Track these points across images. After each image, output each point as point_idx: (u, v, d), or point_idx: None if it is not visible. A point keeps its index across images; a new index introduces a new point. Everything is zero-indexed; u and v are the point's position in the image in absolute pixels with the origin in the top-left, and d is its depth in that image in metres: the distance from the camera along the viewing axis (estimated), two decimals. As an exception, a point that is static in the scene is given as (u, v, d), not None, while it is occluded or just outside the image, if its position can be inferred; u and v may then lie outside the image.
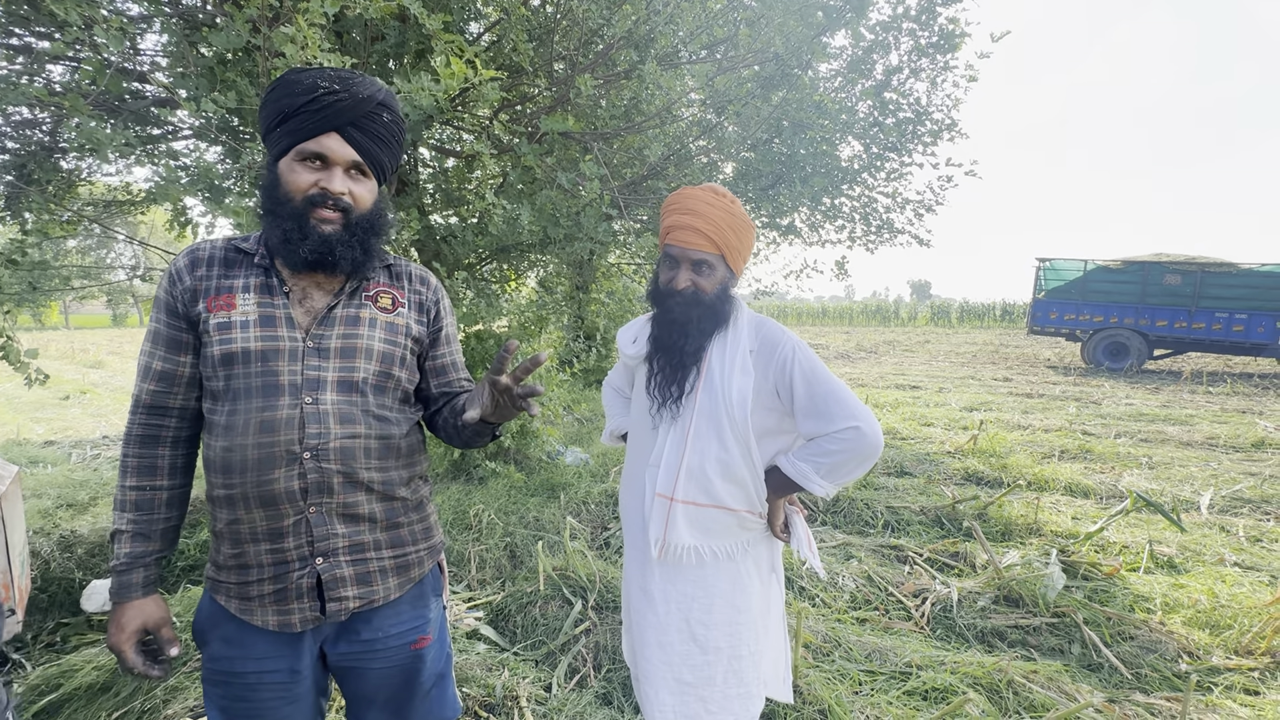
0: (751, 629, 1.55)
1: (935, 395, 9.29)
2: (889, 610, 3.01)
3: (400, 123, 1.19)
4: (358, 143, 1.11)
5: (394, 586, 1.20)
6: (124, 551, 1.12)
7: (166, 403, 1.14)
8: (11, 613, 2.46)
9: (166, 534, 1.16)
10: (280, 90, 1.09)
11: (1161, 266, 12.35)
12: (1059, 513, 4.14)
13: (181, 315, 1.11)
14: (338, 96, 1.08)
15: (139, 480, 1.14)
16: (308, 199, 1.08)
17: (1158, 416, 7.61)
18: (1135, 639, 2.69)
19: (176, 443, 1.17)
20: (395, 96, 1.22)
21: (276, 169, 1.10)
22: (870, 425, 1.38)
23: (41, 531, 3.43)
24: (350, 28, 2.63)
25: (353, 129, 1.10)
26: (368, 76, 1.16)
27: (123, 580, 1.11)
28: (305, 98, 1.07)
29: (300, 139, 1.08)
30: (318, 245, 1.08)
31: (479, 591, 3.12)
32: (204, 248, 1.16)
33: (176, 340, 1.12)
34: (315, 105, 1.07)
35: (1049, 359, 15.17)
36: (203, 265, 1.13)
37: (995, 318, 34.15)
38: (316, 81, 1.08)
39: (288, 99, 1.07)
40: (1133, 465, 5.43)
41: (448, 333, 1.33)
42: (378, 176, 1.18)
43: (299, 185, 1.08)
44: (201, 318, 1.10)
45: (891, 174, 5.49)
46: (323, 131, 1.08)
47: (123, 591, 1.11)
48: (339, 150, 1.09)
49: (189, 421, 1.17)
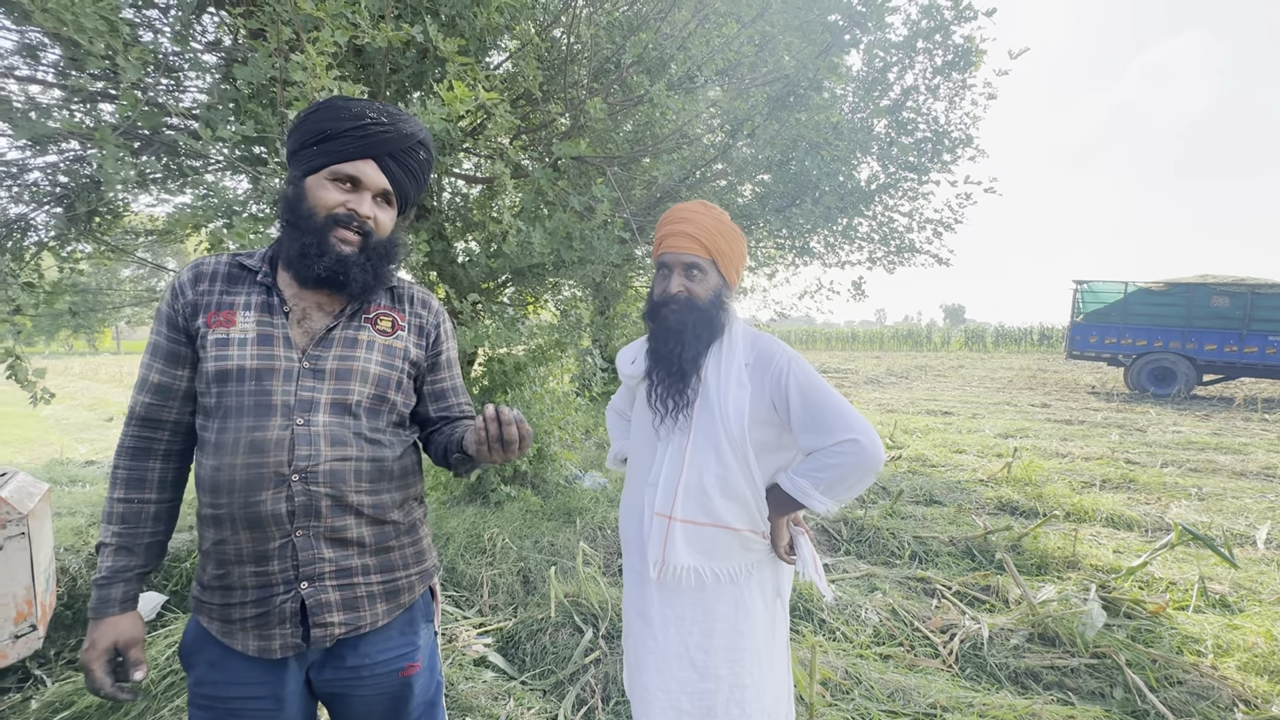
0: (755, 656, 1.49)
1: (968, 421, 9.00)
2: (914, 646, 2.86)
3: (432, 161, 1.23)
4: (391, 173, 1.15)
5: (382, 613, 1.17)
6: (106, 565, 1.10)
7: (160, 415, 1.14)
8: (34, 628, 2.51)
9: (151, 549, 1.15)
10: (325, 112, 1.12)
11: (1208, 288, 11.87)
12: (1099, 545, 3.92)
13: (181, 329, 1.12)
14: (383, 128, 1.12)
15: (127, 493, 1.13)
16: (332, 217, 1.10)
17: (1208, 445, 7.22)
18: (1184, 684, 2.50)
19: (168, 456, 1.16)
20: (431, 138, 1.27)
21: (304, 184, 1.12)
22: (869, 437, 1.34)
23: (72, 549, 3.52)
24: (373, 60, 2.73)
25: (390, 159, 1.14)
26: (412, 116, 1.21)
27: (102, 595, 1.09)
28: (351, 123, 1.10)
29: (337, 160, 1.10)
30: (333, 264, 1.09)
31: (490, 617, 3.08)
32: (208, 262, 1.17)
33: (175, 354, 1.13)
34: (360, 132, 1.10)
35: (1090, 385, 14.62)
36: (205, 280, 1.14)
37: (1033, 342, 33.13)
38: (365, 111, 1.12)
39: (331, 121, 1.10)
40: (1181, 496, 5.14)
41: (448, 357, 1.32)
42: (400, 206, 1.21)
43: (326, 202, 1.10)
44: (200, 332, 1.10)
45: (907, 193, 5.42)
46: (361, 157, 1.11)
47: (100, 607, 1.09)
48: (373, 177, 1.13)
49: (182, 435, 1.16)
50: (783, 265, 7.03)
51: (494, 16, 2.55)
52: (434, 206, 3.44)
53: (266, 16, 1.84)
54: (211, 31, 3.31)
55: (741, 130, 3.00)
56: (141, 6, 2.93)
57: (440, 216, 3.55)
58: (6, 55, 2.85)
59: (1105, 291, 13.00)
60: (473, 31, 2.48)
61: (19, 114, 2.54)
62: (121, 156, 1.93)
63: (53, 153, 3.40)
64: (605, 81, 3.29)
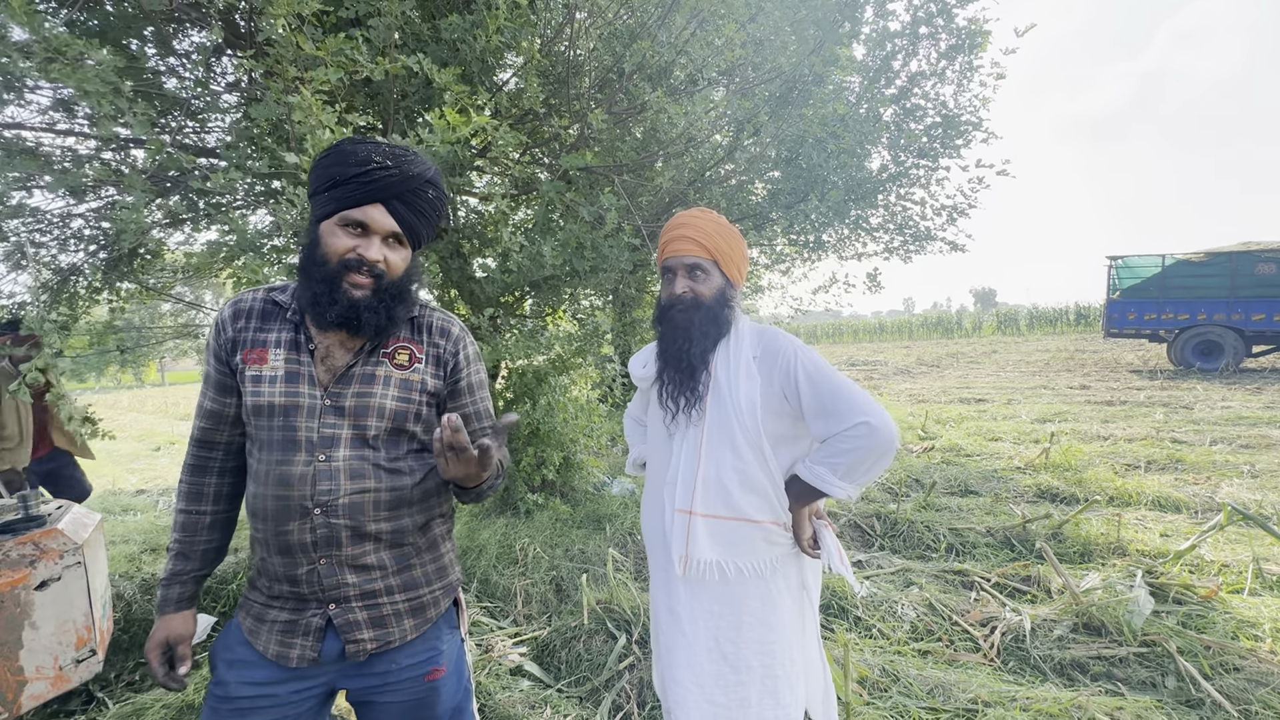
0: (786, 648, 1.50)
1: (1003, 408, 8.78)
2: (954, 641, 2.80)
3: (444, 198, 1.25)
4: (400, 215, 1.15)
5: (410, 628, 1.22)
6: (167, 568, 1.23)
7: (214, 438, 1.24)
8: (93, 653, 2.64)
9: (207, 555, 1.25)
10: (334, 158, 1.14)
11: (1252, 256, 11.36)
12: (1145, 530, 3.78)
13: (225, 362, 1.20)
14: (388, 172, 1.13)
15: (186, 504, 1.24)
16: (343, 262, 1.12)
17: (1260, 419, 6.90)
18: (1241, 670, 2.40)
19: (223, 472, 1.26)
20: (441, 175, 1.28)
21: (318, 230, 1.15)
22: (881, 419, 1.36)
23: (126, 575, 3.67)
24: (380, 90, 2.82)
25: (397, 202, 1.15)
26: (420, 155, 1.22)
27: (164, 594, 1.22)
28: (357, 169, 1.11)
29: (346, 206, 1.12)
30: (345, 310, 1.12)
31: (525, 627, 3.12)
32: (246, 299, 1.23)
33: (222, 384, 1.21)
34: (366, 178, 1.11)
35: (1131, 363, 14.10)
36: (243, 317, 1.20)
37: (1069, 323, 32.03)
38: (371, 155, 1.12)
39: (339, 167, 1.12)
40: (1232, 474, 4.92)
41: (469, 383, 1.32)
42: (413, 244, 1.22)
43: (337, 249, 1.12)
44: (239, 369, 1.18)
45: (915, 181, 5.35)
46: (368, 202, 1.12)
47: (162, 605, 1.22)
48: (381, 220, 1.14)
49: (235, 454, 1.26)
50: (799, 261, 6.97)
51: (495, 38, 2.61)
52: (449, 226, 3.52)
53: (273, 59, 1.93)
54: (231, 72, 3.46)
55: (745, 130, 3.01)
56: (163, 55, 3.07)
57: (457, 235, 3.63)
58: (44, 110, 3.03)
59: (1142, 266, 12.56)
60: (474, 54, 2.55)
61: (57, 167, 2.69)
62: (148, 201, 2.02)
63: (92, 199, 3.59)
64: (609, 91, 3.32)
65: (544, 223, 3.03)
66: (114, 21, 2.67)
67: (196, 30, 3.25)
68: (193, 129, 3.51)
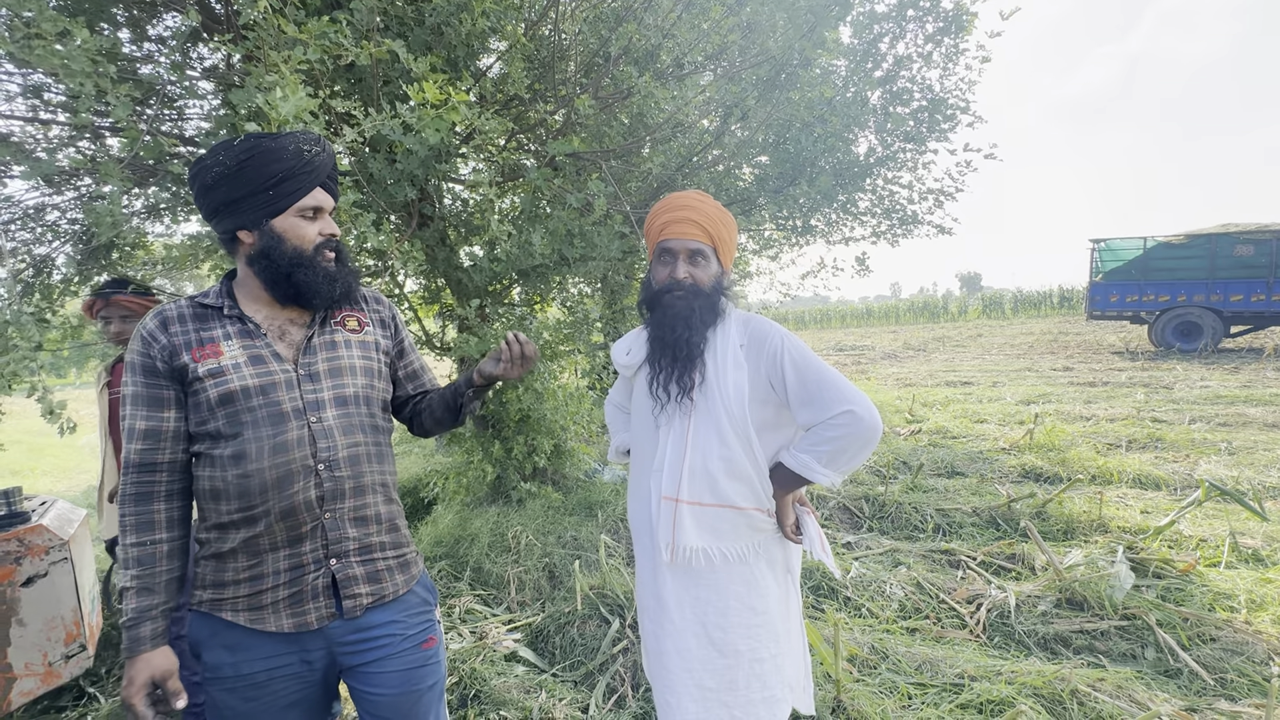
0: (771, 631, 1.52)
1: (988, 390, 8.89)
2: (941, 619, 2.86)
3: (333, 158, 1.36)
4: (331, 190, 1.28)
5: (400, 583, 1.29)
6: (131, 607, 1.14)
7: (155, 459, 1.17)
8: (83, 649, 2.62)
9: (170, 585, 1.18)
10: (266, 157, 1.17)
11: (1231, 237, 11.54)
12: (1126, 507, 3.87)
13: (162, 373, 1.16)
14: (317, 154, 1.23)
15: (139, 536, 1.16)
16: (317, 246, 1.23)
17: (1238, 398, 7.05)
18: (1217, 640, 2.47)
19: (170, 496, 1.19)
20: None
21: (271, 227, 1.19)
22: (865, 408, 1.37)
23: (117, 570, 3.65)
24: (364, 74, 2.77)
25: (329, 180, 1.27)
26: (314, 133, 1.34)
27: (131, 635, 1.13)
28: (296, 160, 1.19)
29: (299, 198, 1.21)
30: (324, 281, 1.24)
31: (519, 613, 3.14)
32: (170, 308, 1.22)
33: (156, 398, 1.17)
34: (308, 167, 1.21)
35: (1113, 344, 14.33)
36: (174, 323, 1.19)
37: (1053, 305, 32.40)
38: (300, 145, 1.21)
39: (278, 164, 1.18)
40: (1210, 452, 5.04)
41: (409, 342, 1.49)
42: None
43: (308, 236, 1.22)
44: (189, 368, 1.15)
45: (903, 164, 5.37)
46: (313, 187, 1.23)
47: (133, 646, 1.13)
48: (326, 200, 1.26)
49: (180, 474, 1.20)
50: (787, 246, 6.98)
51: (480, 21, 2.56)
52: (435, 214, 3.48)
53: (253, 43, 1.88)
54: (208, 58, 3.37)
55: (733, 114, 2.99)
56: (139, 40, 2.99)
57: (443, 224, 3.59)
58: (13, 97, 2.94)
59: (1124, 248, 12.71)
60: (459, 39, 2.51)
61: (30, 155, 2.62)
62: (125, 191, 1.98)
63: (68, 190, 3.50)
64: (595, 76, 3.29)
65: (532, 210, 3.01)
66: (87, 6, 2.59)
67: (171, 15, 3.17)
68: (170, 116, 3.44)
